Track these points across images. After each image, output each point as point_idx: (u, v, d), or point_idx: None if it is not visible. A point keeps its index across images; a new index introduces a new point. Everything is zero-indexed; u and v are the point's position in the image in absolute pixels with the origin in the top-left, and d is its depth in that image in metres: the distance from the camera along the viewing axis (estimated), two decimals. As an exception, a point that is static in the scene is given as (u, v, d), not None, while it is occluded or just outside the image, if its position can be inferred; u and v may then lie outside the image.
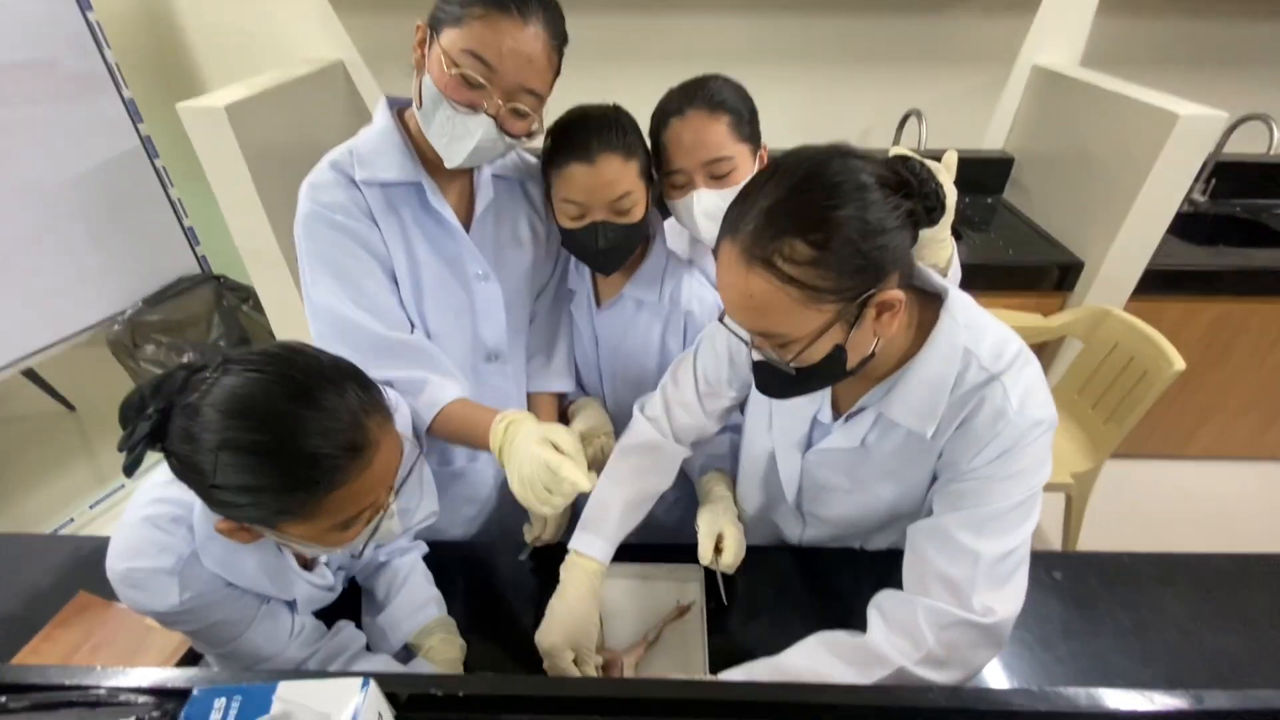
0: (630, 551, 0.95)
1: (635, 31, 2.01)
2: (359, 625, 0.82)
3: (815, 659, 0.69)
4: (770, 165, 0.61)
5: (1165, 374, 1.52)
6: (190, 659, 0.80)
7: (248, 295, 2.22)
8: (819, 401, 0.79)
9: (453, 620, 0.83)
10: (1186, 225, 1.94)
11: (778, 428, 0.86)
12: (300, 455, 0.53)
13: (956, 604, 0.66)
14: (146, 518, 0.64)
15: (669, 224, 1.06)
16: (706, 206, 0.92)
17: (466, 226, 0.89)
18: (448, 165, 0.80)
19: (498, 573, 0.94)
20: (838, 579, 0.92)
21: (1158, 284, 1.79)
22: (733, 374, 0.89)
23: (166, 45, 2.01)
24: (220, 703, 0.42)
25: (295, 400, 0.54)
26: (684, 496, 1.15)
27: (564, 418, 1.09)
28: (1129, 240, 1.71)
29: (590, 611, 0.78)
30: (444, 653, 0.77)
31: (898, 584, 0.73)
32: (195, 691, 0.43)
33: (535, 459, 0.72)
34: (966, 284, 1.74)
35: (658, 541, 0.94)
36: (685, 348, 1.02)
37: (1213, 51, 2.00)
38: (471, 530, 1.08)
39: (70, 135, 1.77)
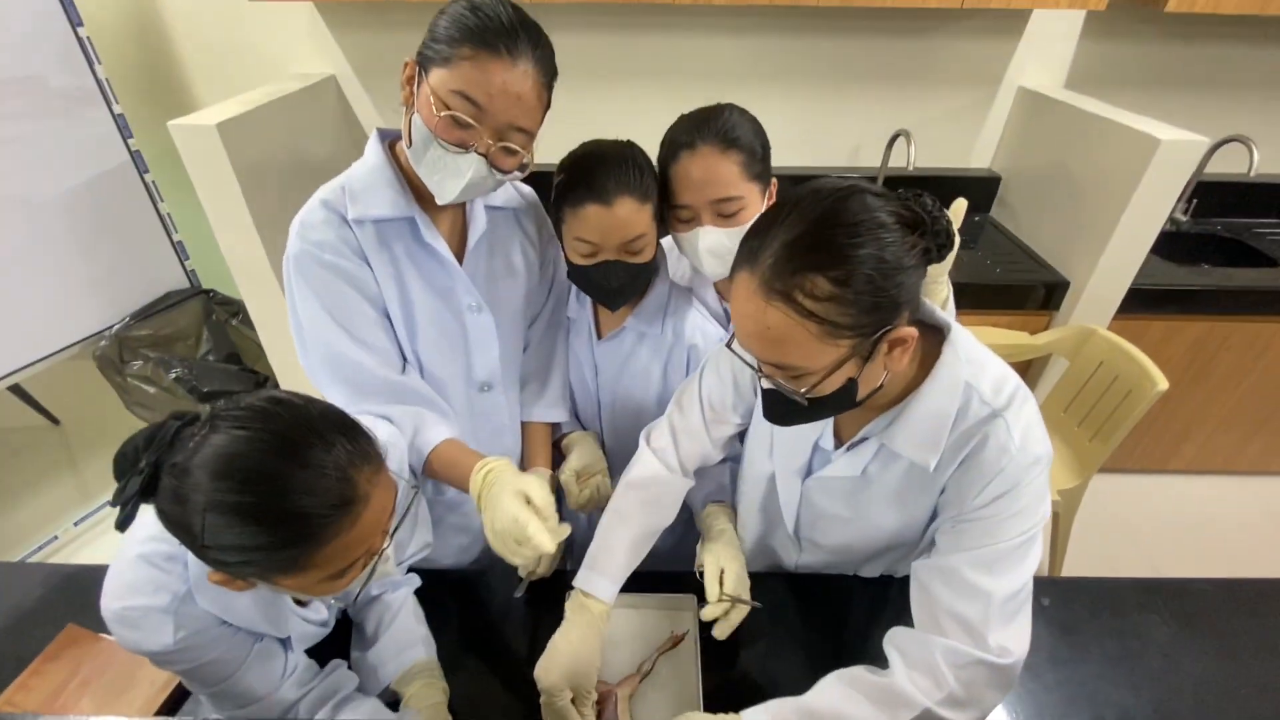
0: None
1: (627, 51, 2.03)
2: (349, 659, 0.82)
3: (843, 699, 0.68)
4: (789, 198, 0.61)
5: (1149, 393, 1.54)
6: (179, 696, 0.79)
7: (237, 309, 2.20)
8: (821, 428, 0.79)
9: (437, 663, 0.82)
10: (1169, 244, 1.98)
11: (779, 454, 0.86)
12: (288, 515, 0.53)
13: (973, 644, 0.66)
14: (141, 555, 0.64)
15: (669, 249, 1.06)
16: (712, 245, 0.91)
17: (459, 258, 0.89)
18: (439, 202, 0.80)
19: (490, 603, 0.94)
20: (832, 606, 0.93)
21: (1141, 303, 1.83)
22: (737, 399, 0.90)
23: (157, 60, 2.01)
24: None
25: (282, 458, 0.54)
26: (678, 523, 1.16)
27: (557, 448, 1.09)
28: (1113, 260, 1.74)
29: (593, 652, 0.78)
30: (426, 698, 0.76)
31: (892, 611, 0.74)
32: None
33: (507, 513, 0.73)
34: (955, 301, 1.78)
35: (651, 569, 0.94)
36: (687, 376, 1.02)
37: (1195, 74, 2.05)
38: (464, 559, 1.07)
39: (60, 151, 1.76)
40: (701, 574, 0.88)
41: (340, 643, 0.84)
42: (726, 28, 1.99)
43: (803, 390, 0.63)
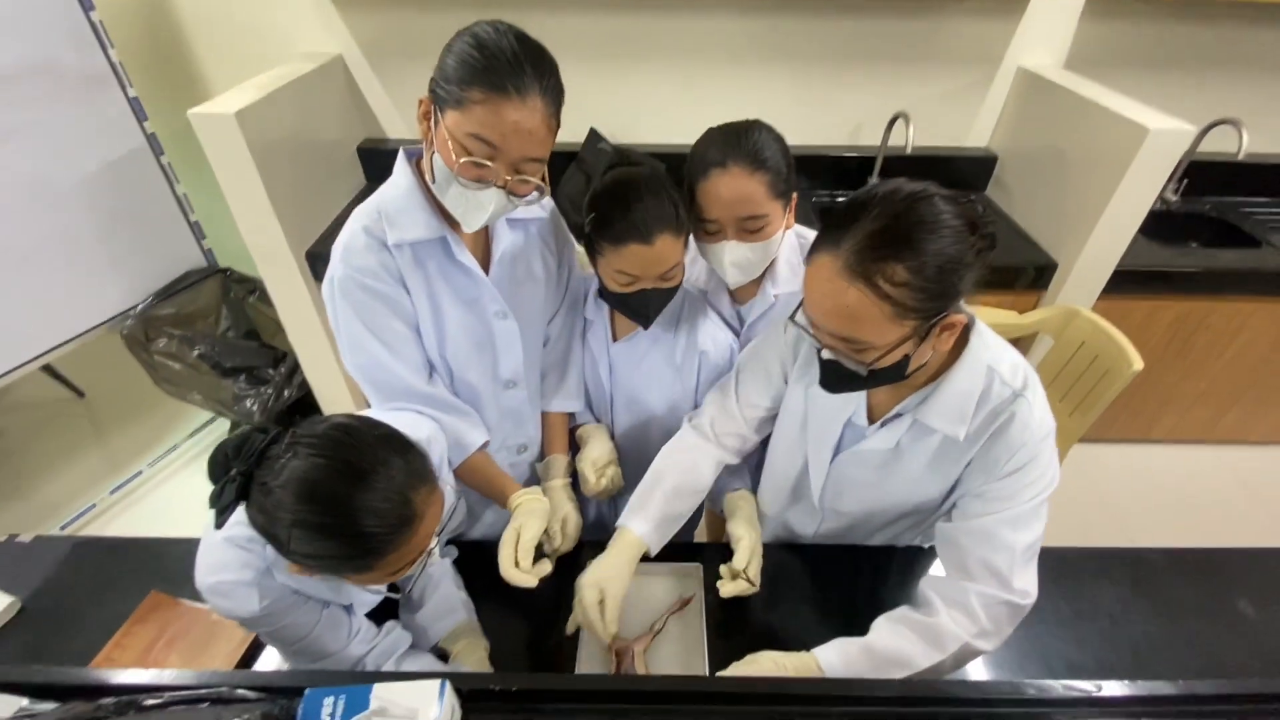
0: (637, 550, 1.06)
1: (627, 31, 2.05)
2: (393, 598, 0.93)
3: (897, 636, 0.82)
4: (869, 194, 0.69)
5: (1125, 373, 1.64)
6: (253, 652, 0.91)
7: (254, 287, 2.28)
8: (852, 407, 0.90)
9: (477, 623, 0.95)
10: (1158, 223, 2.05)
11: (812, 433, 0.96)
12: (358, 534, 0.64)
13: (1000, 588, 0.80)
14: (228, 538, 0.74)
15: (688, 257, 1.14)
16: (737, 259, 1.00)
17: (485, 268, 0.97)
18: (466, 230, 0.88)
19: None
20: (825, 571, 1.05)
21: (1126, 284, 1.90)
22: (767, 385, 1.01)
23: (167, 41, 2.03)
24: (329, 701, 0.52)
25: (352, 484, 0.63)
26: None
27: (572, 436, 1.19)
28: (1100, 243, 1.81)
29: (621, 567, 0.91)
30: (471, 654, 0.89)
31: (887, 578, 0.90)
32: (307, 691, 0.54)
33: (500, 544, 0.90)
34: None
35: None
36: (698, 385, 1.12)
37: (1192, 54, 2.08)
38: (494, 532, 1.18)
39: (76, 136, 1.80)
40: (728, 544, 1.01)
41: (391, 606, 0.95)
42: (727, 8, 2.01)
43: (867, 362, 0.72)
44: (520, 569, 0.87)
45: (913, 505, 0.94)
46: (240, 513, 0.77)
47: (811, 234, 1.14)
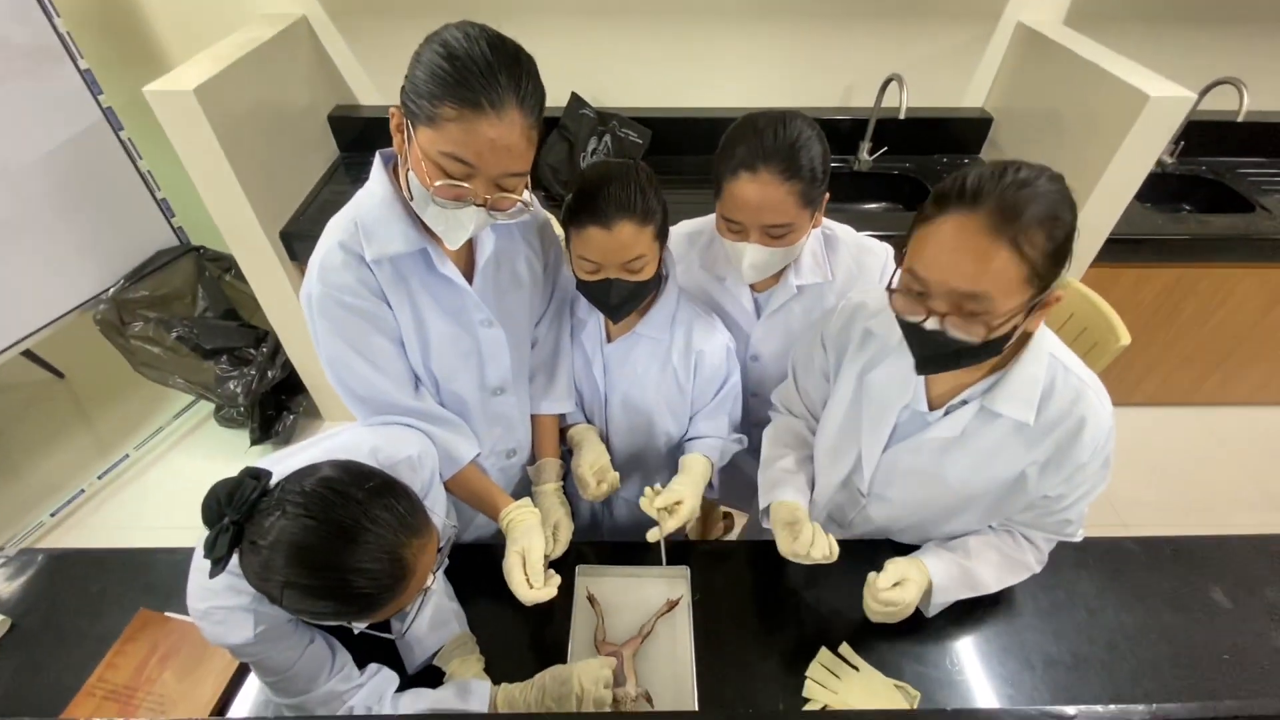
0: (624, 552, 1.08)
1: (616, -13, 1.93)
2: (385, 638, 0.93)
3: (989, 566, 0.95)
4: (1002, 163, 0.70)
5: (1112, 348, 1.63)
6: (245, 667, 0.92)
7: (229, 265, 2.21)
8: (909, 394, 0.89)
9: (470, 635, 0.95)
10: (1152, 186, 2.01)
11: (866, 419, 0.95)
12: (350, 594, 0.64)
13: (1069, 536, 0.95)
14: None
15: (701, 239, 1.15)
16: (756, 261, 0.98)
17: (469, 276, 0.93)
18: (449, 247, 0.83)
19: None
20: (804, 572, 1.06)
21: (1117, 251, 1.88)
22: (823, 380, 1.04)
23: (118, 8, 1.89)
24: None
25: (342, 546, 0.63)
26: None
27: (562, 435, 1.18)
28: (1094, 212, 1.78)
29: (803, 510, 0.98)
30: (466, 671, 0.90)
31: (859, 574, 0.92)
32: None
33: (507, 563, 0.92)
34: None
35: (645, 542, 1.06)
36: (694, 385, 1.11)
37: (1194, 9, 2.00)
38: (485, 533, 1.19)
39: (29, 114, 1.70)
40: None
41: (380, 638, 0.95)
42: (717, -37, 1.90)
43: (981, 333, 0.71)
44: (535, 589, 0.89)
45: (965, 497, 0.93)
46: None
47: (837, 226, 1.12)
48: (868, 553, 1.08)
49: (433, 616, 0.93)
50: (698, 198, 1.08)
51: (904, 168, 2.16)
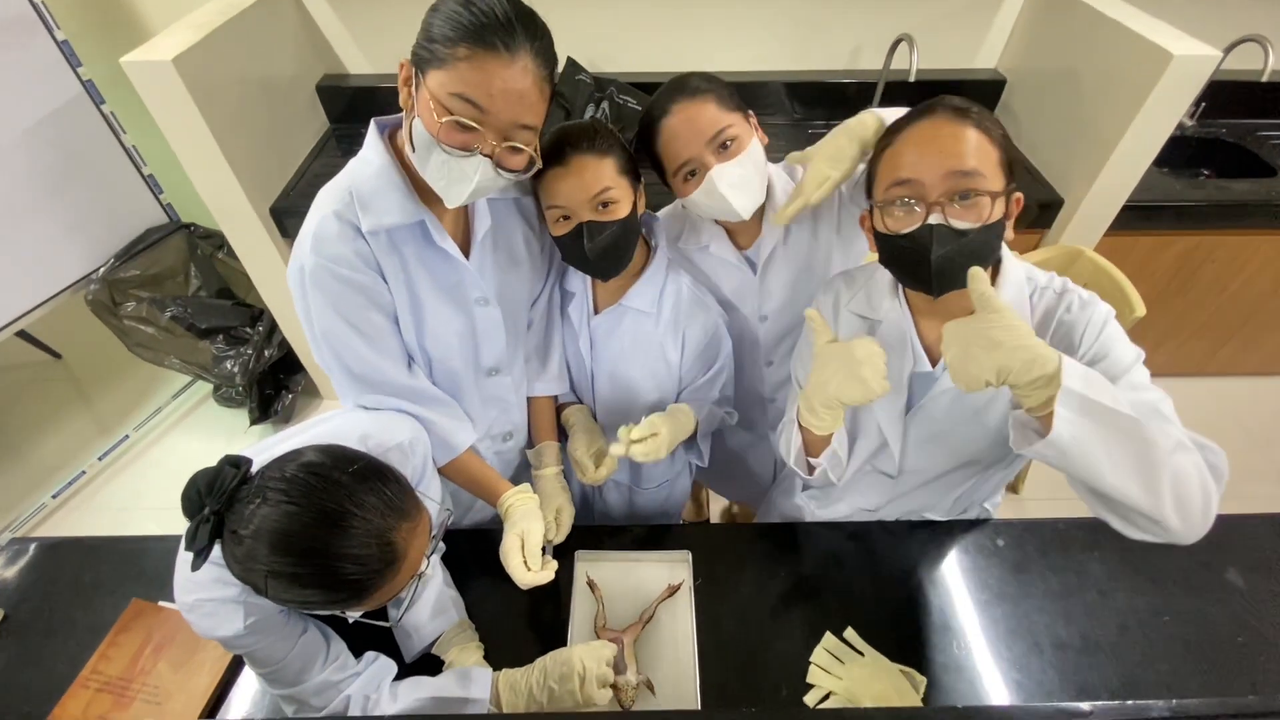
0: (624, 537, 1.06)
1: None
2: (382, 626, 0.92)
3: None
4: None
5: (1127, 318, 1.59)
6: (240, 658, 0.91)
7: (221, 242, 2.16)
8: (909, 359, 0.90)
9: (469, 623, 0.94)
10: (1170, 150, 1.92)
11: (879, 402, 0.89)
12: (338, 581, 0.61)
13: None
14: (211, 556, 0.71)
15: (678, 218, 1.12)
16: (730, 178, 0.94)
17: (465, 252, 0.90)
18: (448, 205, 0.80)
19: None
20: (822, 554, 1.04)
21: (1133, 219, 1.82)
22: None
23: (92, -27, 1.82)
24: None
25: (327, 532, 0.60)
26: (667, 483, 1.25)
27: (558, 415, 1.16)
28: (1111, 177, 1.71)
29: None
30: (464, 661, 0.88)
31: (885, 560, 0.93)
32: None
33: (505, 546, 0.90)
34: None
35: (646, 524, 1.04)
36: (682, 358, 1.08)
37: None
38: (484, 516, 1.17)
39: (5, 89, 1.65)
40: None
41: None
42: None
43: (980, 212, 0.74)
44: (532, 572, 0.87)
45: (996, 430, 0.90)
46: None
47: (798, 165, 1.08)
48: (880, 534, 1.07)
49: (432, 604, 0.91)
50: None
51: (913, 134, 2.08)
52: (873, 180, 0.84)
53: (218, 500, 0.60)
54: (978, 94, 2.11)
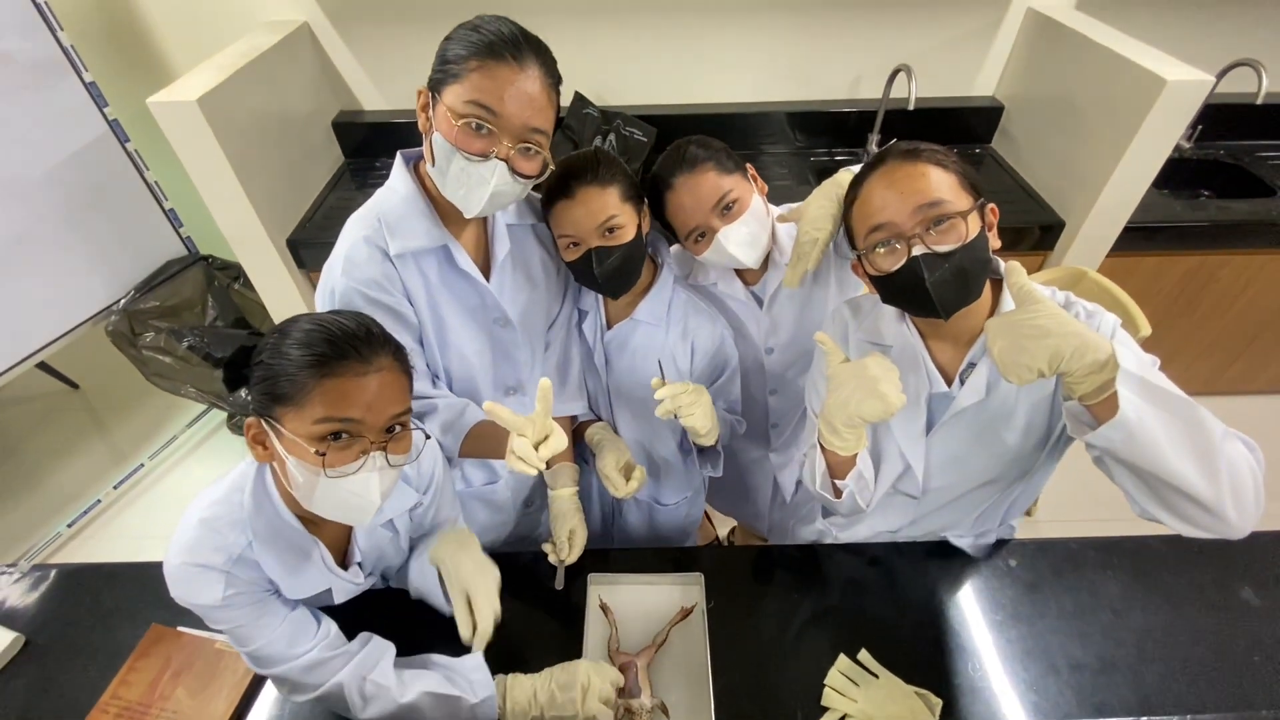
0: (637, 559, 1.07)
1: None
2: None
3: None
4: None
5: (1133, 339, 1.60)
6: (255, 685, 0.91)
7: (237, 274, 2.22)
8: (925, 382, 0.92)
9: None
10: (1169, 171, 1.96)
11: (897, 425, 0.96)
12: (323, 337, 0.67)
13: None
14: (204, 520, 0.74)
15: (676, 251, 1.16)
16: (736, 237, 1.01)
17: (486, 275, 0.95)
18: (467, 215, 0.84)
19: (526, 579, 1.05)
20: (821, 576, 1.04)
21: (1136, 240, 1.84)
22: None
23: (120, 20, 1.90)
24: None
25: (349, 318, 0.70)
26: (686, 499, 1.26)
27: (578, 435, 1.17)
28: (1111, 199, 1.74)
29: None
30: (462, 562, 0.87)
31: (904, 581, 0.94)
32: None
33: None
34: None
35: (659, 547, 1.05)
36: (691, 372, 1.11)
37: (1210, -11, 1.95)
38: (498, 536, 1.18)
39: (36, 128, 1.71)
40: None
41: (367, 614, 0.93)
42: (721, -44, 1.87)
43: (954, 237, 0.77)
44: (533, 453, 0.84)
45: (1015, 447, 0.92)
46: (223, 492, 0.77)
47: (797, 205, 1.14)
48: (893, 556, 1.07)
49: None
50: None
51: (914, 160, 2.12)
52: (851, 233, 0.89)
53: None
54: (976, 121, 2.16)
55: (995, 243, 0.83)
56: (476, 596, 0.83)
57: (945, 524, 1.07)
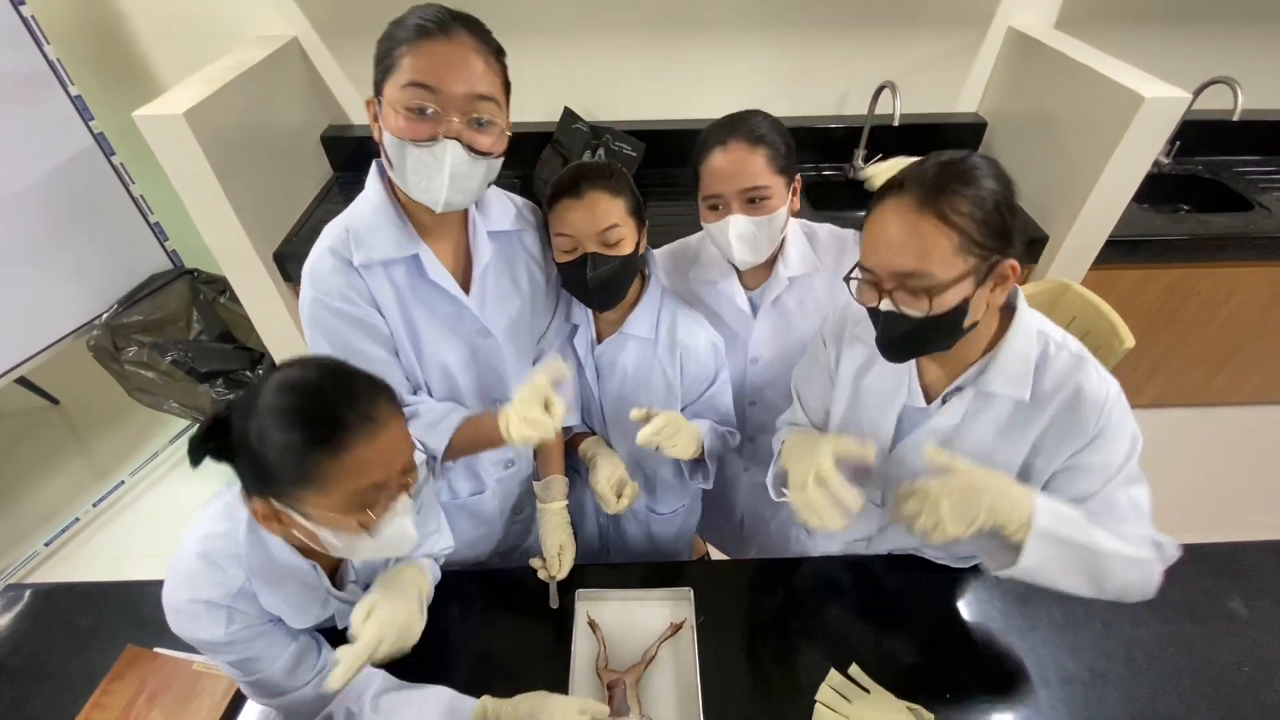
0: (625, 575, 1.05)
1: (600, 1, 1.93)
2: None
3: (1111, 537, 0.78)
4: (925, 157, 0.74)
5: (1116, 350, 1.61)
6: (235, 705, 0.89)
7: (223, 287, 2.20)
8: (904, 393, 0.90)
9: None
10: (1149, 186, 1.98)
11: (867, 425, 0.95)
12: (322, 418, 0.63)
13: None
14: (202, 553, 0.72)
15: (692, 249, 1.17)
16: (741, 232, 1.00)
17: (466, 285, 0.92)
18: (436, 209, 0.81)
19: (513, 596, 1.03)
20: (812, 591, 1.03)
21: (1117, 253, 1.86)
22: (825, 395, 1.01)
23: (107, 33, 1.89)
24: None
25: (326, 381, 0.65)
26: (684, 507, 1.24)
27: (570, 447, 1.15)
28: (1092, 213, 1.76)
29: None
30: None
31: (890, 596, 0.92)
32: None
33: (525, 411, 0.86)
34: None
35: (650, 561, 1.04)
36: (681, 382, 1.09)
37: (1186, 8, 2.00)
38: (480, 550, 1.16)
39: (21, 140, 1.70)
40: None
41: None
42: (711, -27, 1.90)
43: (925, 306, 0.72)
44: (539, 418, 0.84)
45: None
46: (218, 525, 0.75)
47: (817, 226, 1.16)
48: (883, 570, 1.06)
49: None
50: (693, 210, 1.07)
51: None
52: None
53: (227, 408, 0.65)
54: (960, 136, 2.19)
55: (997, 300, 0.77)
56: (355, 642, 0.75)
57: (915, 541, 1.06)
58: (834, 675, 0.91)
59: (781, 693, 0.90)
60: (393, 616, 0.77)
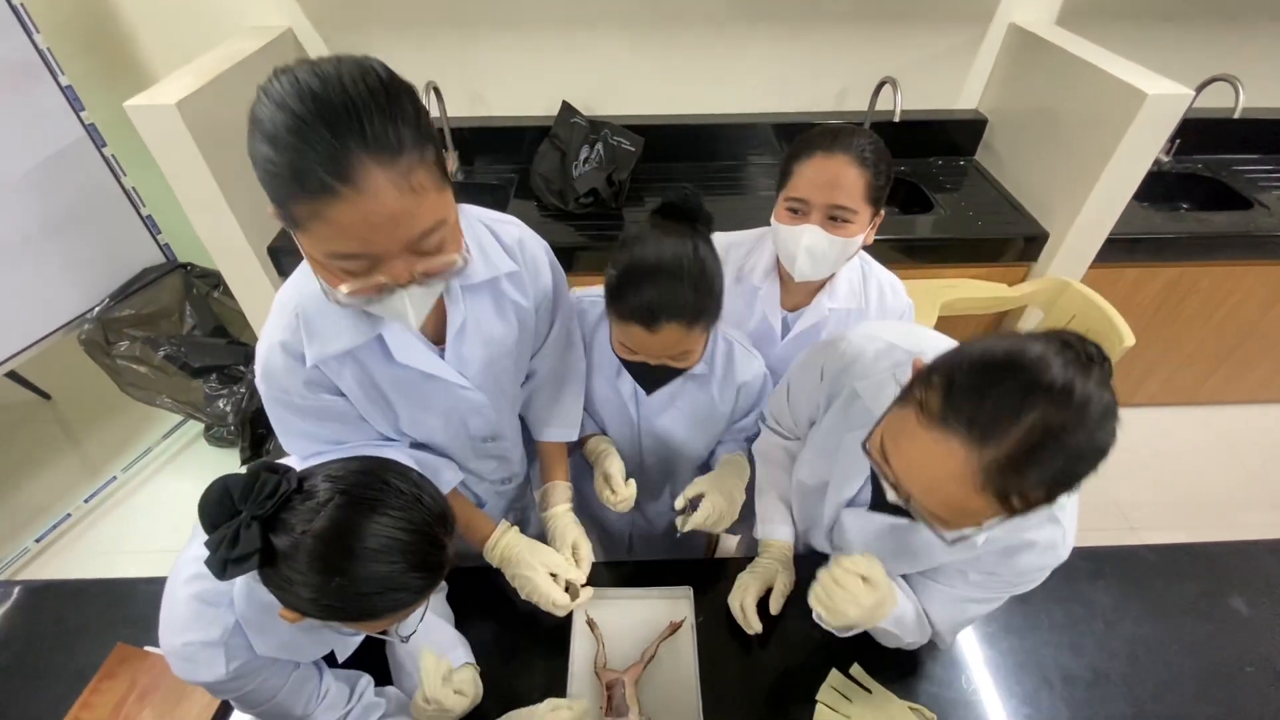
0: (626, 573, 1.04)
1: (603, -5, 1.92)
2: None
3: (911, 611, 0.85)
4: (1031, 380, 0.53)
5: (1116, 348, 1.61)
6: (227, 705, 0.88)
7: (217, 281, 2.18)
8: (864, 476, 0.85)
9: (474, 667, 0.89)
10: (1149, 185, 1.97)
11: (834, 480, 0.89)
12: (367, 610, 0.62)
13: (939, 637, 0.88)
14: (195, 595, 0.69)
15: (741, 246, 1.13)
16: (813, 243, 0.96)
17: (440, 336, 0.81)
18: (413, 328, 0.71)
19: (512, 593, 1.01)
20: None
21: (1117, 251, 1.86)
22: (810, 406, 0.97)
23: (98, 22, 1.87)
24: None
25: (377, 522, 0.60)
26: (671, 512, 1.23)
27: (577, 448, 1.12)
28: (1093, 211, 1.76)
29: (776, 576, 0.96)
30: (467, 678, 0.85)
31: None
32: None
33: (540, 590, 0.90)
34: (936, 257, 1.80)
35: (649, 559, 1.02)
36: (735, 408, 1.07)
37: (1188, 5, 1.99)
38: (471, 556, 1.14)
39: (9, 131, 1.67)
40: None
41: (363, 658, 0.90)
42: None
43: (948, 538, 0.64)
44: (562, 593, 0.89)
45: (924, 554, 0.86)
46: (200, 564, 0.71)
47: (874, 261, 1.12)
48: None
49: (433, 641, 0.88)
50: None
51: (899, 171, 2.13)
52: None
53: (259, 506, 0.58)
54: (960, 134, 2.18)
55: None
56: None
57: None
58: (835, 675, 0.90)
59: (782, 692, 0.89)
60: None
